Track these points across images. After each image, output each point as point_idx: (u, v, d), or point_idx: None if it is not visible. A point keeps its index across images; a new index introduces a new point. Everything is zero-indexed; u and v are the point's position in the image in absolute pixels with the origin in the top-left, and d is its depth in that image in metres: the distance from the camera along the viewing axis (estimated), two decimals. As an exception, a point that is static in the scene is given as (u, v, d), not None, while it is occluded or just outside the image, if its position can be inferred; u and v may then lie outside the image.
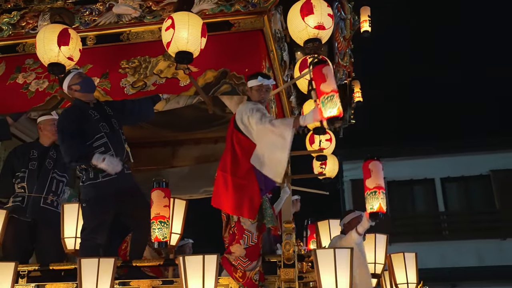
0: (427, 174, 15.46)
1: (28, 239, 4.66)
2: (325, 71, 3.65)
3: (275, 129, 3.86)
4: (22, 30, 5.19)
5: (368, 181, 3.87)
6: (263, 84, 4.17)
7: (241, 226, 3.95)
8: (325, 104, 3.57)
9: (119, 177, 4.19)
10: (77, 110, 4.32)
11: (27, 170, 4.75)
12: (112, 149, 4.20)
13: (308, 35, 4.20)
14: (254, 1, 4.78)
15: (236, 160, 4.04)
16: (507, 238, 14.25)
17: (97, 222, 4.15)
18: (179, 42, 4.20)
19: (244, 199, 3.94)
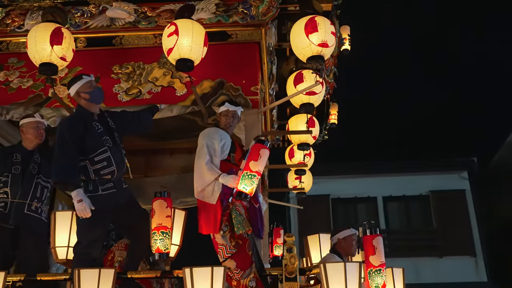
0: (370, 193, 15.86)
1: (10, 246, 4.42)
2: (261, 152, 3.92)
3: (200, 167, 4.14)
4: (6, 28, 4.97)
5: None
6: (229, 110, 4.35)
7: (215, 242, 4.08)
8: (244, 178, 3.86)
9: (118, 191, 4.09)
10: (81, 121, 4.11)
11: (10, 175, 4.51)
12: (114, 164, 4.07)
13: (311, 52, 4.27)
14: (253, 13, 4.80)
15: None
16: (444, 257, 14.77)
17: (94, 236, 3.99)
18: (181, 49, 4.15)
19: (208, 216, 4.09)
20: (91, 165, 4.03)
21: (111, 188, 4.05)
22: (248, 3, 4.81)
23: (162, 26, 4.82)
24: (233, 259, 3.96)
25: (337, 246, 4.74)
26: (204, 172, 4.07)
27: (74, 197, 3.85)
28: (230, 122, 4.37)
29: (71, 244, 4.11)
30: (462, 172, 15.69)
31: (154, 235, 3.91)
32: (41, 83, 4.81)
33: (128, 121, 4.44)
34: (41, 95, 4.77)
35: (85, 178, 4.01)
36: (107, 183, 4.06)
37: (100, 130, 4.13)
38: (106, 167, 4.05)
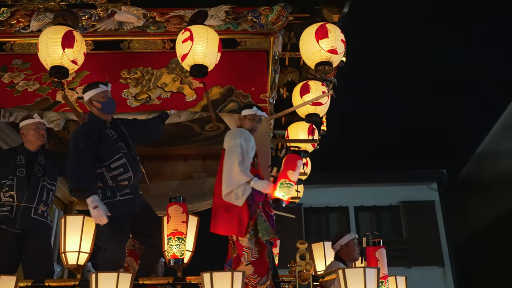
0: (342, 202, 16.06)
1: (15, 251, 4.29)
2: (298, 164, 4.04)
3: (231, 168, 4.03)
4: (11, 28, 4.89)
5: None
6: (257, 114, 4.32)
7: (240, 245, 4.03)
8: (282, 187, 3.95)
9: (134, 197, 4.07)
10: (95, 128, 4.08)
11: (15, 178, 4.37)
12: (130, 170, 4.05)
13: (321, 57, 4.35)
14: (262, 22, 4.85)
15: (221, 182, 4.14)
16: (412, 267, 15.01)
17: (116, 243, 3.97)
18: (196, 55, 4.18)
19: (233, 218, 4.03)
20: (107, 172, 4.00)
21: (128, 194, 4.03)
22: (258, 11, 4.87)
23: (171, 31, 4.86)
24: (252, 264, 3.95)
25: (341, 253, 4.80)
26: (236, 173, 4.00)
27: (90, 204, 3.82)
28: (255, 126, 4.34)
29: (82, 249, 4.03)
30: (431, 184, 16.03)
31: (169, 240, 3.88)
32: (47, 87, 4.74)
33: (140, 129, 4.42)
34: (48, 99, 4.70)
35: (103, 185, 3.98)
36: (124, 189, 4.04)
37: (114, 137, 4.11)
38: (123, 173, 4.03)
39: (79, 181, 3.87)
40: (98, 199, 3.84)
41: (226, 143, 4.17)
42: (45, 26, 4.84)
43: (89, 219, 4.09)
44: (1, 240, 4.19)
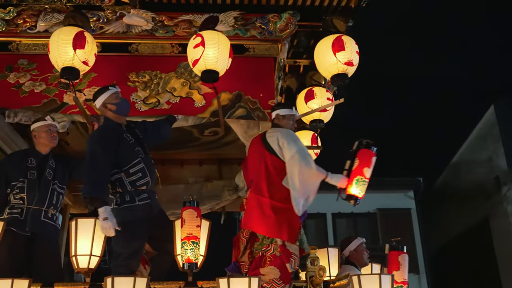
0: (319, 209, 16.16)
1: (24, 254, 4.24)
2: (373, 160, 4.09)
3: (306, 170, 4.04)
4: (16, 28, 4.81)
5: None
6: (296, 116, 4.44)
7: (287, 250, 3.99)
8: (358, 184, 4.01)
9: (152, 201, 4.07)
10: (112, 133, 4.06)
11: (26, 180, 4.33)
12: (148, 174, 4.05)
13: (337, 69, 4.42)
14: (270, 29, 4.89)
15: (273, 183, 4.12)
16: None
17: (134, 247, 3.94)
18: (208, 61, 4.19)
19: (284, 222, 4.02)
20: (126, 177, 3.99)
21: (146, 199, 4.03)
22: (267, 18, 4.90)
23: (179, 36, 4.87)
24: (280, 269, 3.93)
25: (351, 257, 4.86)
26: (313, 173, 4.03)
27: (101, 214, 3.79)
28: (292, 127, 4.40)
29: (94, 252, 4.00)
30: (408, 191, 16.32)
31: (184, 244, 3.87)
32: (54, 88, 4.70)
33: (150, 132, 4.42)
34: (55, 100, 4.66)
35: (122, 190, 3.97)
36: (142, 194, 4.03)
37: (131, 141, 4.11)
38: (141, 178, 4.03)
39: (92, 189, 3.84)
40: (109, 211, 3.81)
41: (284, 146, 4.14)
42: (52, 27, 4.80)
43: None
44: (10, 242, 4.11)
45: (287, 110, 4.40)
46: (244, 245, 4.25)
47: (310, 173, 4.05)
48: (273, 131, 4.30)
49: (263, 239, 4.09)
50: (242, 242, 4.27)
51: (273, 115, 4.48)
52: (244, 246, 4.25)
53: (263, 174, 4.16)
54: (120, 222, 3.87)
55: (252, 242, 4.21)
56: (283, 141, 4.15)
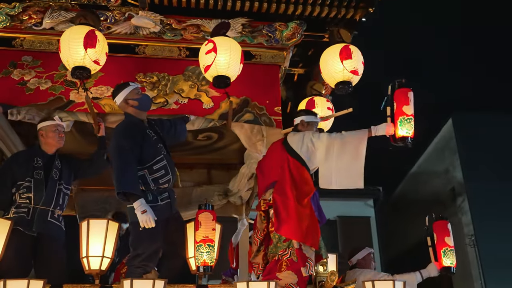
0: (280, 215, 16.28)
1: (30, 254, 4.17)
2: (410, 95, 4.03)
3: (350, 140, 4.15)
4: (21, 24, 4.73)
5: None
6: (318, 122, 4.55)
7: (303, 254, 3.98)
8: (403, 124, 3.97)
9: (172, 200, 4.07)
10: (136, 129, 4.05)
11: (33, 180, 4.26)
12: (170, 172, 4.05)
13: (343, 77, 4.50)
14: (277, 37, 4.98)
15: (297, 187, 4.14)
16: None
17: (154, 248, 3.93)
18: (219, 66, 4.22)
19: (308, 227, 4.02)
20: (149, 174, 3.99)
21: (167, 198, 4.04)
22: (274, 26, 4.99)
23: (187, 39, 4.90)
24: (297, 275, 3.94)
25: (358, 266, 4.99)
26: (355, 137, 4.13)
27: (138, 208, 3.77)
28: None
29: (106, 254, 3.97)
30: (368, 200, 16.66)
31: (200, 247, 3.89)
32: (60, 86, 4.64)
33: (167, 130, 4.42)
34: (61, 98, 4.59)
35: (145, 188, 3.95)
36: (164, 193, 4.03)
37: (154, 137, 4.11)
38: (164, 176, 4.03)
39: (126, 184, 3.82)
40: (145, 203, 3.80)
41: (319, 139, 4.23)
42: (58, 24, 4.75)
43: (112, 223, 4.06)
44: (17, 242, 4.03)
45: (312, 117, 4.51)
46: (257, 246, 4.27)
47: (356, 139, 4.12)
48: (295, 134, 4.38)
49: (277, 241, 4.11)
50: (255, 243, 4.29)
51: (296, 121, 4.55)
52: (257, 247, 4.27)
53: (288, 178, 4.17)
54: (135, 223, 3.87)
55: (266, 244, 4.23)
56: (312, 137, 4.24)
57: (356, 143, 4.14)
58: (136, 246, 3.96)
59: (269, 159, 4.49)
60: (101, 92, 4.63)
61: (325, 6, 4.91)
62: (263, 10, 4.90)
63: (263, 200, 4.33)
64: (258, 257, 4.27)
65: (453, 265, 4.21)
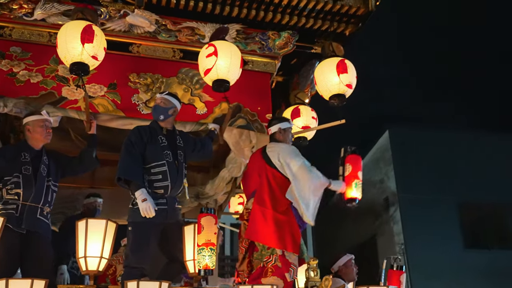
0: (218, 221, 16.31)
1: (18, 252, 3.99)
2: (361, 163, 4.49)
3: (315, 182, 4.29)
4: (10, 13, 4.54)
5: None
6: (291, 128, 4.67)
7: (286, 260, 4.11)
8: (358, 187, 4.40)
9: (169, 208, 4.06)
10: (148, 131, 4.11)
11: (21, 175, 4.08)
12: (169, 179, 4.02)
13: (339, 90, 4.67)
14: (270, 45, 5.06)
15: (275, 195, 4.29)
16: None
17: (148, 249, 3.91)
18: (220, 70, 4.27)
19: (286, 233, 4.17)
20: (146, 174, 3.99)
21: (162, 204, 4.00)
22: (267, 35, 5.06)
23: (181, 41, 4.90)
24: (283, 280, 4.05)
25: (340, 272, 5.10)
26: (322, 183, 4.29)
27: (139, 196, 3.80)
28: (291, 140, 4.66)
29: (104, 255, 3.90)
30: (305, 208, 16.92)
31: (202, 251, 3.90)
32: (52, 80, 4.50)
33: (191, 147, 4.40)
34: (53, 93, 4.46)
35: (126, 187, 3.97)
36: (160, 199, 4.00)
37: (163, 144, 4.11)
38: (160, 181, 4.01)
39: (127, 171, 3.89)
40: (146, 193, 3.83)
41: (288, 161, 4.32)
42: (50, 16, 4.61)
43: (111, 224, 3.99)
44: (6, 241, 3.85)
45: (287, 124, 4.62)
46: (243, 254, 4.37)
47: (319, 182, 4.29)
48: (273, 146, 4.47)
49: (262, 249, 4.22)
50: (241, 251, 4.39)
51: (273, 129, 4.59)
52: (243, 256, 4.37)
53: (266, 187, 4.31)
54: (139, 223, 3.86)
55: (251, 251, 4.33)
56: (286, 157, 4.34)
57: (318, 186, 4.32)
58: (131, 247, 3.94)
59: (251, 168, 4.62)
60: (94, 90, 4.54)
61: (318, 19, 5.02)
62: (259, 18, 4.95)
63: (245, 209, 4.45)
64: (243, 264, 4.37)
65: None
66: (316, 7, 4.86)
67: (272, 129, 4.61)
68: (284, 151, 4.39)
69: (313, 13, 4.97)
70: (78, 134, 5.69)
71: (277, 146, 4.45)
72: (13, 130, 5.41)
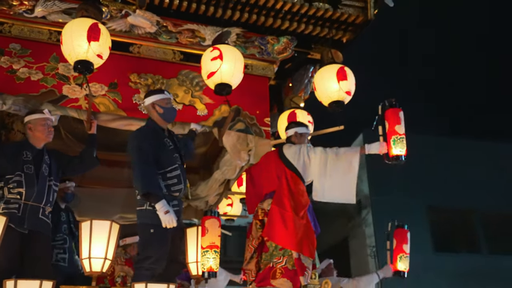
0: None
1: (19, 252, 3.95)
2: (401, 115, 4.15)
3: (344, 156, 4.36)
4: (10, 9, 4.48)
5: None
6: (308, 133, 4.70)
7: (302, 264, 4.15)
8: (396, 143, 4.09)
9: (180, 209, 4.12)
10: (155, 135, 4.07)
11: (23, 174, 4.04)
12: (182, 182, 4.05)
13: (338, 97, 4.74)
14: (269, 49, 5.10)
15: (294, 199, 4.31)
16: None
17: (163, 251, 3.91)
18: (224, 74, 4.30)
19: (304, 237, 4.21)
20: (163, 180, 4.00)
21: (176, 206, 4.04)
22: (266, 39, 5.11)
23: (181, 43, 4.91)
24: (292, 282, 4.08)
25: (322, 275, 5.23)
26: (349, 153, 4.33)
27: (160, 209, 3.79)
28: None
29: (108, 256, 3.88)
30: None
31: (206, 253, 3.95)
32: (52, 78, 4.46)
33: (182, 146, 4.40)
34: (54, 91, 4.42)
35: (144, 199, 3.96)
36: (174, 200, 4.03)
37: (171, 147, 4.13)
38: (176, 184, 4.04)
39: (149, 185, 3.85)
40: (166, 204, 3.82)
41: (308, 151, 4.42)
42: (50, 14, 4.57)
43: (115, 225, 3.97)
44: (8, 240, 3.78)
45: (304, 129, 4.69)
46: (251, 253, 4.39)
47: (345, 154, 4.34)
48: (290, 147, 4.52)
49: (273, 250, 4.24)
50: (249, 250, 4.40)
51: (290, 133, 4.68)
52: (250, 255, 4.39)
53: (286, 190, 4.32)
54: (153, 225, 3.86)
55: (259, 251, 4.35)
56: (306, 150, 4.41)
57: (349, 159, 4.37)
58: (145, 248, 3.94)
59: (265, 169, 4.61)
60: (95, 89, 4.52)
61: (317, 26, 5.08)
62: (259, 23, 4.98)
63: (260, 209, 4.45)
64: (251, 264, 4.37)
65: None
66: (316, 14, 4.91)
67: (289, 133, 4.70)
68: (297, 150, 4.46)
69: (313, 20, 5.02)
70: (68, 132, 5.65)
71: (293, 146, 4.52)
72: (5, 126, 5.32)
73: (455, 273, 15.00)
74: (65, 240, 5.04)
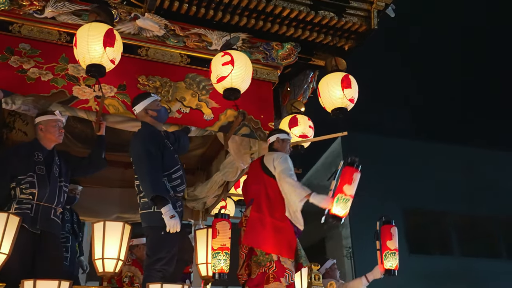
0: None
1: (31, 252, 3.97)
2: (355, 176, 4.13)
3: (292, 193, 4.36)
4: (20, 9, 4.47)
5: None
6: (289, 140, 4.83)
7: (281, 265, 4.28)
8: (339, 202, 4.11)
9: (183, 209, 4.21)
10: (158, 137, 4.14)
11: (35, 175, 4.06)
12: (185, 182, 4.14)
13: (342, 104, 4.87)
14: (273, 55, 5.19)
15: (271, 202, 4.46)
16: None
17: (173, 252, 3.98)
18: (235, 79, 4.37)
19: (283, 240, 4.35)
20: (168, 181, 4.07)
21: (181, 207, 4.13)
22: (271, 45, 5.19)
23: (189, 47, 4.96)
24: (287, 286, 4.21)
25: (326, 275, 5.34)
26: (297, 191, 4.25)
27: (166, 213, 3.84)
28: (289, 151, 4.75)
29: (121, 257, 3.92)
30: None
31: (217, 255, 4.03)
32: (62, 79, 4.47)
33: (173, 143, 4.44)
34: (64, 92, 4.42)
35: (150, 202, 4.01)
36: (179, 201, 4.12)
37: (171, 148, 4.21)
38: (181, 185, 4.11)
39: (158, 188, 3.89)
40: (172, 208, 3.88)
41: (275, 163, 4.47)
42: (60, 15, 4.58)
43: (128, 226, 4.02)
44: (21, 241, 3.80)
45: (286, 135, 4.80)
46: (242, 260, 4.50)
47: (292, 190, 4.35)
48: (270, 154, 4.65)
49: (260, 254, 4.37)
50: (241, 257, 4.51)
51: (272, 139, 4.77)
52: (243, 261, 4.49)
53: (263, 195, 4.48)
54: (163, 227, 3.92)
55: (249, 256, 4.47)
56: (276, 160, 4.51)
57: (294, 199, 4.36)
58: (156, 250, 3.99)
59: (250, 177, 4.78)
60: (105, 91, 4.52)
61: (321, 33, 5.17)
62: (265, 29, 5.06)
63: (244, 217, 4.60)
64: (242, 269, 4.50)
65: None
66: (321, 22, 5.00)
67: (271, 139, 4.79)
68: (277, 156, 4.56)
69: (317, 27, 5.11)
70: (68, 132, 5.64)
71: (273, 154, 4.63)
72: (7, 125, 5.31)
73: (428, 274, 15.31)
74: (67, 239, 5.09)
